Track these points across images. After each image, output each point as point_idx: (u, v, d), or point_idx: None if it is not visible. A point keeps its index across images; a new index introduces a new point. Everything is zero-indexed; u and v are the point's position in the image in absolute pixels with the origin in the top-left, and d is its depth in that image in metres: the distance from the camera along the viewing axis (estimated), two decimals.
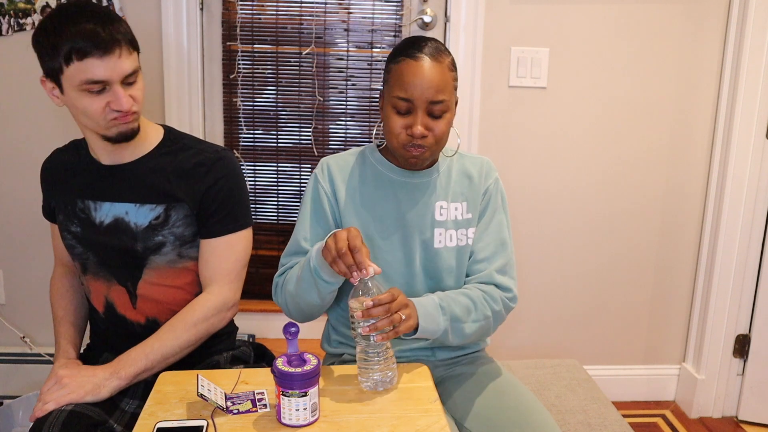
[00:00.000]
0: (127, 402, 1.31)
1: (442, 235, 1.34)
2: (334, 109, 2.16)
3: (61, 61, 1.17)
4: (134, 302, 1.36)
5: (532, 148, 2.16)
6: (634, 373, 2.37)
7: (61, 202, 1.37)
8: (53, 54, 1.17)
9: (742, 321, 2.23)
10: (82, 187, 1.35)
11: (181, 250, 1.35)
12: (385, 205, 1.33)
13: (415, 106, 1.24)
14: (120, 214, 1.33)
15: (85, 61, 1.16)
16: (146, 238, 1.32)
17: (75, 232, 1.35)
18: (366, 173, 1.35)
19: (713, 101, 2.15)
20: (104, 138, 1.27)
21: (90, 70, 1.17)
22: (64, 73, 1.19)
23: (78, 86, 1.18)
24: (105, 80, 1.19)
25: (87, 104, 1.20)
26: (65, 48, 1.15)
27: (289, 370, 1.03)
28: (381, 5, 2.09)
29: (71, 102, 1.22)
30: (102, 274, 1.36)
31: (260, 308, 2.19)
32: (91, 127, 1.26)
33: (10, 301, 2.19)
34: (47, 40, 1.18)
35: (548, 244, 2.24)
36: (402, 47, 1.27)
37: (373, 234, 1.32)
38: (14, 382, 2.19)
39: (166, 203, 1.32)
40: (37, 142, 2.06)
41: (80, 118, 1.25)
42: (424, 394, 1.17)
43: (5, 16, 1.98)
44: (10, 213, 2.12)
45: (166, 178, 1.32)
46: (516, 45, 2.08)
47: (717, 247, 2.17)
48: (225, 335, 1.47)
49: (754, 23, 2.00)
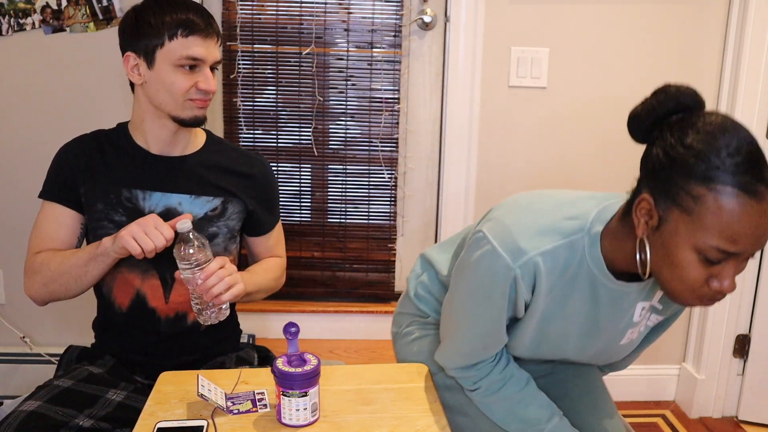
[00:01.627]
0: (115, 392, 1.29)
1: (633, 332, 1.15)
2: (334, 109, 2.16)
3: (165, 36, 1.25)
4: (168, 295, 1.36)
5: (532, 148, 2.16)
6: (634, 373, 2.37)
7: (99, 191, 1.34)
8: (158, 29, 1.25)
9: (742, 321, 2.23)
10: (128, 175, 1.34)
11: (228, 244, 1.40)
12: (581, 308, 1.08)
13: (738, 259, 0.90)
14: (172, 205, 1.34)
15: (190, 38, 1.25)
16: (200, 228, 1.34)
17: (120, 222, 1.32)
18: (579, 280, 1.05)
19: (713, 101, 2.15)
20: (174, 119, 1.31)
21: (192, 47, 1.26)
22: (163, 47, 1.25)
23: (175, 61, 1.25)
24: (202, 59, 1.27)
25: (177, 80, 1.26)
26: (173, 24, 1.24)
27: (289, 370, 1.03)
28: (381, 5, 2.09)
29: (159, 76, 1.27)
30: (141, 265, 1.34)
31: (260, 308, 2.19)
32: (167, 106, 1.29)
33: (10, 301, 2.19)
34: (153, 16, 1.25)
35: None
36: (729, 166, 0.85)
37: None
38: (14, 382, 2.19)
39: (224, 196, 1.38)
40: (37, 142, 2.06)
41: (159, 94, 1.28)
42: (424, 394, 1.17)
43: (5, 16, 1.98)
44: (10, 213, 2.12)
45: (221, 173, 1.39)
46: (516, 45, 2.08)
47: None
48: (230, 336, 1.48)
49: (754, 23, 2.00)
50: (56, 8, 1.98)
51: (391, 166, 2.20)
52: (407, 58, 2.15)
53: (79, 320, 1.49)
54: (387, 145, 2.18)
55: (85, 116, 2.05)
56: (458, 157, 2.14)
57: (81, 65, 2.02)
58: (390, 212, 2.23)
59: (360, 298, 2.28)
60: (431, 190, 2.25)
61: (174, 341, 1.39)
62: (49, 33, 2.00)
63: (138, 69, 1.29)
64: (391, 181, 2.20)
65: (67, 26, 1.99)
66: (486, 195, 2.19)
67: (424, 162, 2.23)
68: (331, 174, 2.21)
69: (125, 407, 1.25)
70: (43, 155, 1.46)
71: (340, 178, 2.21)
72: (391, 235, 2.24)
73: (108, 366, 1.36)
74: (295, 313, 2.21)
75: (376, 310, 2.23)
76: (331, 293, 2.28)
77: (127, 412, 1.24)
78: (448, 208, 2.18)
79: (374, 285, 2.28)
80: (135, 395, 1.29)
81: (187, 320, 1.38)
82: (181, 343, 1.39)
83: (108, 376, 1.32)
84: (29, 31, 1.99)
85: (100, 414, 1.22)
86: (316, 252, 2.25)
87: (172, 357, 1.38)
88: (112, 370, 1.35)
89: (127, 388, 1.31)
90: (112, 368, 1.36)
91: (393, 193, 2.22)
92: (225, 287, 1.21)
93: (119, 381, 1.32)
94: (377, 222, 2.23)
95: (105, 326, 1.43)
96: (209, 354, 1.42)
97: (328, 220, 2.23)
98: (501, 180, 2.19)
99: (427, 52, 2.15)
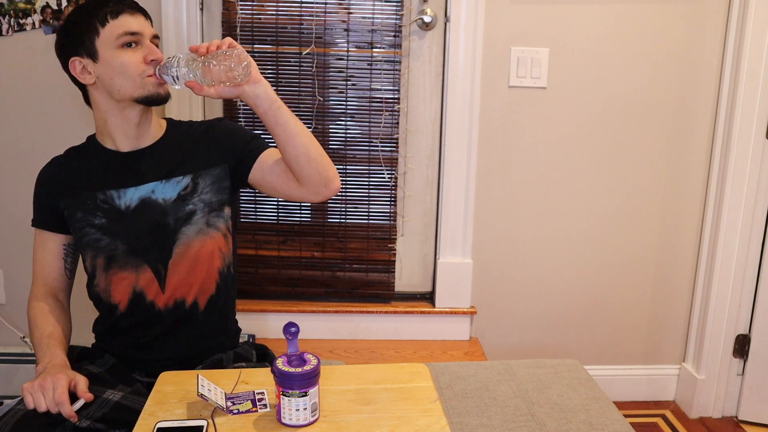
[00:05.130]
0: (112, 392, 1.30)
1: None
2: (334, 109, 2.16)
3: (97, 26, 1.28)
4: (163, 286, 1.37)
5: (531, 148, 2.16)
6: (634, 373, 2.37)
7: (76, 201, 1.37)
8: (88, 24, 1.29)
9: (742, 321, 2.23)
10: (99, 179, 1.37)
11: (209, 218, 1.40)
12: None
13: None
14: (146, 195, 1.36)
15: (120, 17, 1.29)
16: (177, 209, 1.37)
17: (99, 225, 1.35)
18: None
19: (713, 101, 2.15)
20: (138, 101, 1.32)
21: (125, 24, 1.29)
22: (100, 36, 1.29)
23: (115, 42, 1.28)
24: (139, 32, 1.30)
25: (125, 59, 1.29)
26: (100, 14, 1.28)
27: (289, 370, 1.03)
28: (381, 5, 2.09)
29: (107, 64, 1.29)
30: (131, 262, 1.36)
31: (260, 308, 2.19)
32: (126, 90, 1.30)
33: (10, 301, 2.19)
34: (81, 17, 1.30)
35: (548, 243, 2.24)
36: None
37: None
38: (14, 382, 2.19)
39: (193, 172, 1.39)
40: (37, 143, 2.06)
41: (115, 81, 1.30)
42: (424, 394, 1.17)
43: (5, 16, 1.98)
44: (10, 213, 2.12)
45: (186, 151, 1.41)
46: (516, 45, 2.08)
47: (717, 247, 2.17)
48: (230, 334, 1.50)
49: (754, 23, 2.00)
50: (56, 8, 1.98)
51: (391, 166, 2.20)
52: (407, 58, 2.15)
53: (79, 321, 1.49)
54: (387, 145, 2.18)
55: (84, 116, 2.05)
56: (458, 157, 2.14)
57: None
58: (390, 212, 2.23)
59: (360, 298, 2.28)
60: (431, 190, 2.25)
61: (174, 333, 1.40)
62: (49, 33, 2.00)
63: (86, 69, 1.31)
64: (391, 181, 2.20)
65: None
66: (486, 195, 2.19)
67: (424, 162, 2.23)
68: None
69: (122, 407, 1.26)
70: (43, 155, 1.47)
71: (340, 178, 2.20)
72: (391, 235, 2.24)
73: (108, 365, 1.37)
74: (295, 313, 2.21)
75: (376, 310, 2.23)
76: (331, 293, 2.28)
77: (123, 412, 1.24)
78: (448, 208, 2.18)
79: (374, 285, 2.28)
80: (132, 396, 1.30)
81: (186, 305, 1.39)
82: (182, 334, 1.40)
83: (107, 376, 1.33)
84: (29, 31, 1.99)
85: (97, 415, 1.22)
86: (316, 252, 2.25)
87: (172, 351, 1.40)
88: (111, 369, 1.36)
89: (124, 389, 1.31)
90: (111, 367, 1.37)
91: (393, 193, 2.22)
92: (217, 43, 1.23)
93: (117, 382, 1.33)
94: (377, 222, 2.23)
95: (106, 328, 1.44)
96: (208, 348, 1.43)
97: (328, 220, 2.23)
98: (501, 180, 2.19)
99: (427, 52, 2.15)
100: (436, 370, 1.68)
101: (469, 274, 2.23)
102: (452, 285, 2.24)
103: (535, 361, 1.79)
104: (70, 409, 1.15)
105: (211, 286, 1.42)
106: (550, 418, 1.50)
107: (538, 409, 1.53)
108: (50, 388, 1.16)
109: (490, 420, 1.48)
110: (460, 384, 1.63)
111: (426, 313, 2.25)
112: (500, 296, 2.28)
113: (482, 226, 2.22)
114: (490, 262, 2.25)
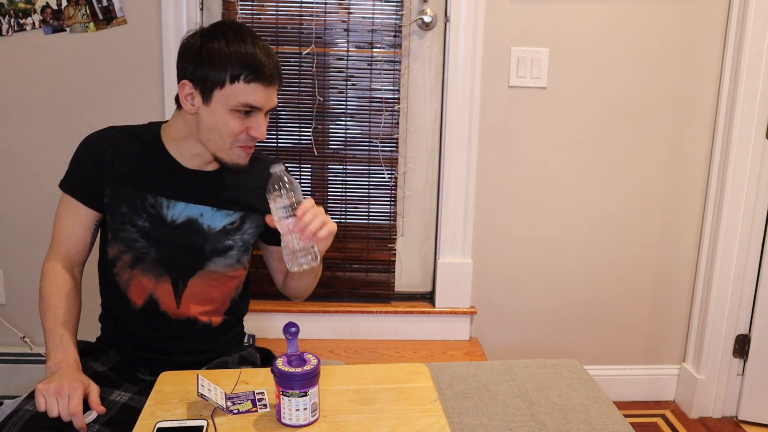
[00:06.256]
0: (119, 394, 1.30)
1: None
2: (334, 109, 2.16)
3: (227, 78, 1.20)
4: (179, 301, 1.36)
5: (532, 148, 2.16)
6: (634, 373, 2.37)
7: (124, 194, 1.33)
8: (221, 67, 1.20)
9: (742, 321, 2.23)
10: (155, 182, 1.33)
11: (241, 256, 1.40)
12: None
13: None
14: (194, 215, 1.34)
15: (252, 85, 1.21)
16: (217, 240, 1.35)
17: (142, 227, 1.33)
18: None
19: (713, 101, 2.15)
20: (216, 159, 1.30)
21: (252, 94, 1.22)
22: (223, 89, 1.21)
23: (232, 106, 1.22)
24: (259, 107, 1.24)
25: (229, 124, 1.24)
26: (236, 67, 1.20)
27: (289, 370, 1.03)
28: (381, 5, 2.09)
29: (211, 115, 1.24)
30: (156, 269, 1.34)
31: (260, 308, 2.19)
32: (212, 145, 1.27)
33: (10, 301, 2.19)
34: (219, 53, 1.20)
35: (548, 244, 2.24)
36: None
37: None
38: (14, 382, 2.19)
39: (243, 211, 1.38)
40: (36, 143, 2.06)
41: (208, 132, 1.26)
42: (424, 394, 1.17)
43: (5, 16, 1.98)
44: (10, 213, 2.12)
45: (243, 189, 1.38)
46: (516, 45, 2.08)
47: (717, 247, 2.17)
48: (236, 337, 1.49)
49: (754, 23, 2.00)
50: (56, 8, 1.98)
51: (391, 166, 2.20)
52: (407, 58, 2.15)
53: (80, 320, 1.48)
54: (387, 145, 2.18)
55: (84, 116, 2.05)
56: (458, 157, 2.14)
57: (81, 65, 2.02)
58: (390, 212, 2.23)
59: (360, 298, 2.28)
60: (431, 190, 2.25)
61: (182, 340, 1.39)
62: (49, 33, 2.00)
63: (192, 99, 1.25)
64: (391, 181, 2.20)
65: (67, 26, 1.99)
66: (486, 195, 2.19)
67: (424, 162, 2.23)
68: (331, 174, 2.21)
69: (129, 409, 1.25)
70: (43, 155, 1.46)
71: (340, 178, 2.21)
72: (391, 235, 2.24)
73: (112, 363, 1.37)
74: (295, 313, 2.21)
75: (376, 310, 2.23)
76: (331, 293, 2.28)
77: (130, 414, 1.24)
78: (448, 208, 2.18)
79: (374, 285, 2.28)
80: (138, 396, 1.29)
81: (198, 324, 1.39)
82: (190, 342, 1.40)
83: (112, 374, 1.33)
84: (29, 31, 1.99)
85: (103, 419, 1.22)
86: None
87: (178, 354, 1.39)
88: (115, 367, 1.36)
89: (130, 389, 1.31)
90: (115, 365, 1.36)
91: (393, 193, 2.22)
92: (320, 223, 1.18)
93: (123, 381, 1.33)
94: (377, 222, 2.23)
95: (116, 319, 1.41)
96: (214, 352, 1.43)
97: None
98: (501, 180, 2.19)
99: (427, 52, 2.15)
100: (436, 370, 1.68)
101: (469, 274, 2.23)
102: (452, 285, 2.24)
103: (535, 361, 1.79)
104: (83, 421, 1.14)
105: (224, 309, 1.43)
106: (550, 418, 1.50)
107: (538, 409, 1.53)
108: (66, 396, 1.14)
109: (490, 420, 1.48)
110: (460, 384, 1.63)
111: (426, 313, 2.25)
112: (500, 296, 2.28)
113: (482, 226, 2.22)
114: (490, 262, 2.25)
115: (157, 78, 2.03)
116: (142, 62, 2.03)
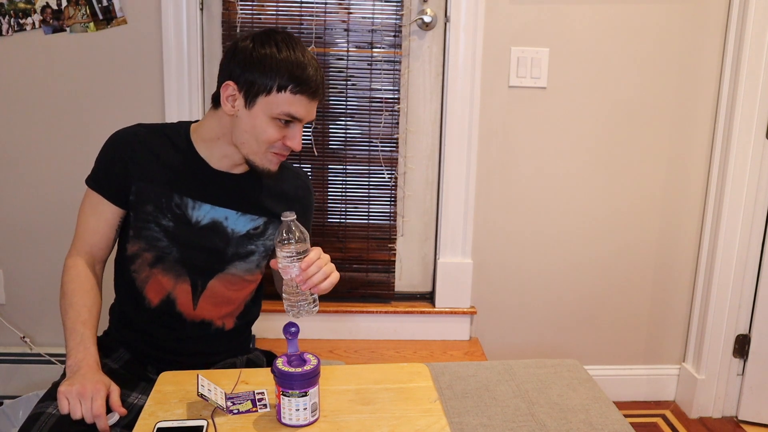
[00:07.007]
0: (137, 396, 1.31)
1: None
2: (334, 109, 2.16)
3: (274, 86, 1.21)
4: (196, 302, 1.36)
5: (531, 148, 2.16)
6: (634, 373, 2.37)
7: (151, 192, 1.32)
8: (270, 74, 1.20)
9: (742, 321, 2.23)
10: (182, 182, 1.33)
11: (261, 261, 1.40)
12: None
13: None
14: (219, 218, 1.34)
15: (297, 96, 1.22)
16: (240, 244, 1.36)
17: (166, 227, 1.32)
18: None
19: (713, 101, 2.15)
20: (247, 161, 1.30)
21: (295, 106, 1.23)
22: (268, 96, 1.22)
23: (274, 114, 1.23)
24: (300, 119, 1.25)
25: (268, 131, 1.24)
26: (285, 77, 1.20)
27: (289, 370, 1.03)
28: (381, 5, 2.09)
29: (250, 120, 1.24)
30: (176, 269, 1.34)
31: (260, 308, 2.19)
32: (246, 148, 1.27)
33: (10, 301, 2.19)
34: (270, 59, 1.20)
35: (548, 243, 2.24)
36: None
37: None
38: (14, 382, 2.19)
39: (267, 217, 1.38)
40: (36, 142, 2.06)
41: (244, 135, 1.26)
42: (424, 394, 1.17)
43: (5, 16, 1.98)
44: (10, 213, 2.12)
45: (268, 194, 1.38)
46: (516, 45, 2.08)
47: (717, 247, 2.17)
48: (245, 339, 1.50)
49: (754, 23, 2.00)
50: (56, 8, 1.98)
51: (391, 166, 2.20)
52: (407, 58, 2.15)
53: None
54: (387, 145, 2.18)
55: (84, 116, 2.05)
56: (458, 157, 2.14)
57: (81, 65, 2.02)
58: (390, 212, 2.23)
59: (360, 298, 2.28)
60: (431, 190, 2.25)
61: (193, 341, 1.40)
62: (49, 33, 2.00)
63: (234, 101, 1.25)
64: (391, 181, 2.20)
65: (67, 26, 2.00)
66: (486, 195, 2.19)
67: (424, 162, 2.23)
68: (331, 174, 2.21)
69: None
70: (43, 155, 1.46)
71: (340, 178, 2.21)
72: (391, 235, 2.24)
73: (123, 360, 1.37)
74: None
75: (376, 310, 2.23)
76: (331, 293, 2.27)
77: None
78: (448, 208, 2.18)
79: (374, 285, 2.28)
80: None
81: (212, 327, 1.39)
82: (200, 344, 1.40)
83: (124, 372, 1.34)
84: (29, 31, 1.99)
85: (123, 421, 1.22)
86: None
87: (187, 355, 1.39)
88: (127, 365, 1.37)
89: (146, 390, 1.31)
90: (127, 363, 1.37)
91: (393, 193, 2.22)
92: (323, 276, 1.19)
93: (137, 380, 1.33)
94: (377, 222, 2.23)
95: (128, 316, 1.41)
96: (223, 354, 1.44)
97: (328, 220, 2.23)
98: (501, 180, 2.19)
99: (427, 52, 2.15)
100: (436, 370, 1.68)
101: (469, 274, 2.23)
102: (452, 285, 2.24)
103: (535, 361, 1.79)
104: (106, 423, 1.14)
105: (238, 312, 1.43)
106: (550, 418, 1.50)
107: (538, 409, 1.53)
108: (89, 398, 1.14)
109: (490, 420, 1.48)
110: (460, 384, 1.63)
111: (426, 313, 2.25)
112: (500, 296, 2.28)
113: (482, 226, 2.22)
114: (490, 262, 2.25)
115: (157, 78, 2.03)
116: (142, 62, 2.03)
